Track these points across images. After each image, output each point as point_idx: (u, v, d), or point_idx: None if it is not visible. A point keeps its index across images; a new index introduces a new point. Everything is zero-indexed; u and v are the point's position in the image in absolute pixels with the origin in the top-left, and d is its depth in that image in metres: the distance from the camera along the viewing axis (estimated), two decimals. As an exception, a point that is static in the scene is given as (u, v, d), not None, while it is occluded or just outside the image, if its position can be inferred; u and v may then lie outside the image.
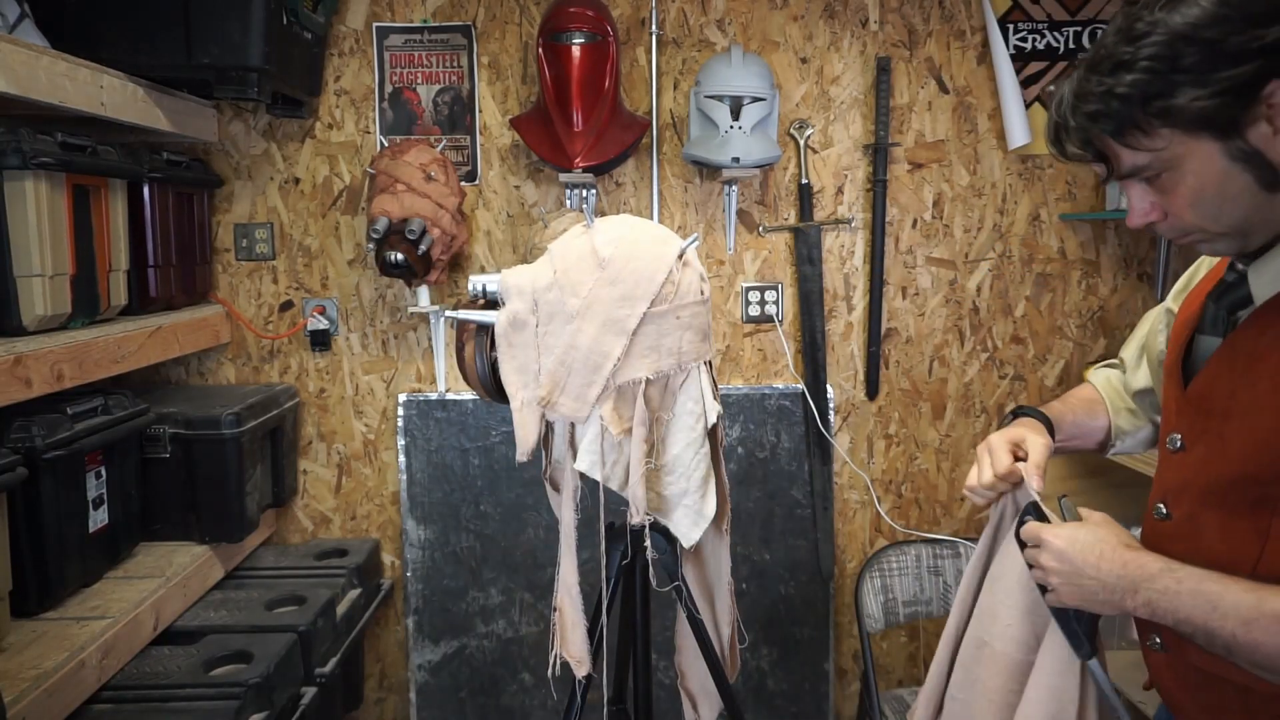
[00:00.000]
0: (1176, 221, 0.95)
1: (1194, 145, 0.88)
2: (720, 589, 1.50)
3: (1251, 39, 0.83)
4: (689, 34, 2.35)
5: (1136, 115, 0.88)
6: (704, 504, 1.34)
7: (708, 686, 1.52)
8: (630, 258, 1.27)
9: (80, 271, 1.73)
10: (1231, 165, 0.88)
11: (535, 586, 2.40)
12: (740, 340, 2.44)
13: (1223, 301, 1.02)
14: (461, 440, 2.39)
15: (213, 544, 2.05)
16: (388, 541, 2.46)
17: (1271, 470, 0.91)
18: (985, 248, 2.41)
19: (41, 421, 1.59)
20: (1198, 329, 1.06)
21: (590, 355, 1.26)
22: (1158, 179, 0.92)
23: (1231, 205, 0.90)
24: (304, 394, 2.42)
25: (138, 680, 1.69)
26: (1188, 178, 0.90)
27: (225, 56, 1.90)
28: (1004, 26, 2.34)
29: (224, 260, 2.39)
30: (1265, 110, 0.85)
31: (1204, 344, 1.04)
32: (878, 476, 2.48)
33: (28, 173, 1.56)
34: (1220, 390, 0.98)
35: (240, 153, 2.36)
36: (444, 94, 2.35)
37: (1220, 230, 0.93)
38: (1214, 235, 0.95)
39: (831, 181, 2.40)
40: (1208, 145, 0.88)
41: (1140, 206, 0.96)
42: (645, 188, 2.38)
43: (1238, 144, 0.87)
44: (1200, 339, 1.05)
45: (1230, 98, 0.85)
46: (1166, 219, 0.95)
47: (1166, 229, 0.97)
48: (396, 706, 2.50)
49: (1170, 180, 0.91)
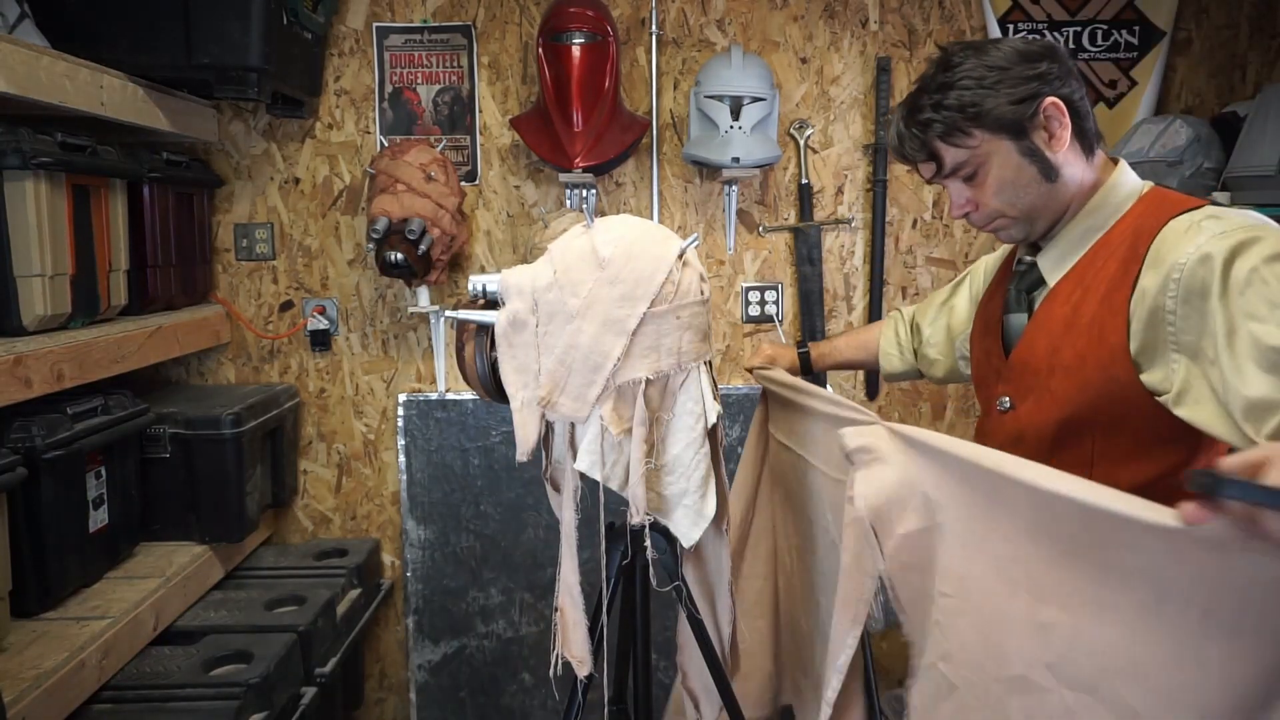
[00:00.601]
0: (985, 210, 1.25)
1: (997, 144, 1.20)
2: (720, 589, 1.50)
3: (1029, 69, 1.18)
4: (689, 34, 2.35)
5: (958, 120, 1.19)
6: (704, 504, 1.34)
7: (709, 685, 1.51)
8: (630, 258, 1.27)
9: (80, 271, 1.73)
10: (1023, 160, 1.20)
11: (535, 586, 2.40)
12: (740, 340, 2.44)
13: (1021, 285, 1.31)
14: (461, 440, 2.39)
15: (213, 544, 2.05)
16: (388, 541, 2.46)
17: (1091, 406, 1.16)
18: (985, 248, 2.41)
19: (41, 421, 1.59)
20: (1005, 310, 1.33)
21: (590, 355, 1.26)
22: (973, 177, 1.23)
23: (1024, 193, 1.22)
24: (304, 394, 2.42)
25: (138, 680, 1.69)
26: (993, 170, 1.21)
27: (225, 56, 1.90)
28: (1004, 26, 2.34)
29: (224, 260, 2.39)
30: (1042, 120, 1.19)
31: (1013, 321, 1.31)
32: (878, 476, 2.47)
33: (28, 173, 1.56)
34: (1040, 352, 1.22)
35: (240, 153, 2.36)
36: (444, 94, 2.35)
37: (1015, 215, 1.24)
38: (1011, 220, 1.25)
39: (831, 181, 2.40)
40: (1006, 144, 1.20)
41: (958, 200, 1.27)
42: (645, 188, 2.38)
43: (1026, 143, 1.20)
44: (1010, 318, 1.32)
45: (1020, 106, 1.18)
46: (978, 209, 1.26)
47: (978, 218, 1.27)
48: (396, 706, 2.50)
49: (981, 175, 1.22)
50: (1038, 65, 1.18)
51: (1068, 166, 1.21)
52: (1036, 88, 1.18)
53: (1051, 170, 1.20)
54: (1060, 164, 1.21)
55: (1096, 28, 2.36)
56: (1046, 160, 1.20)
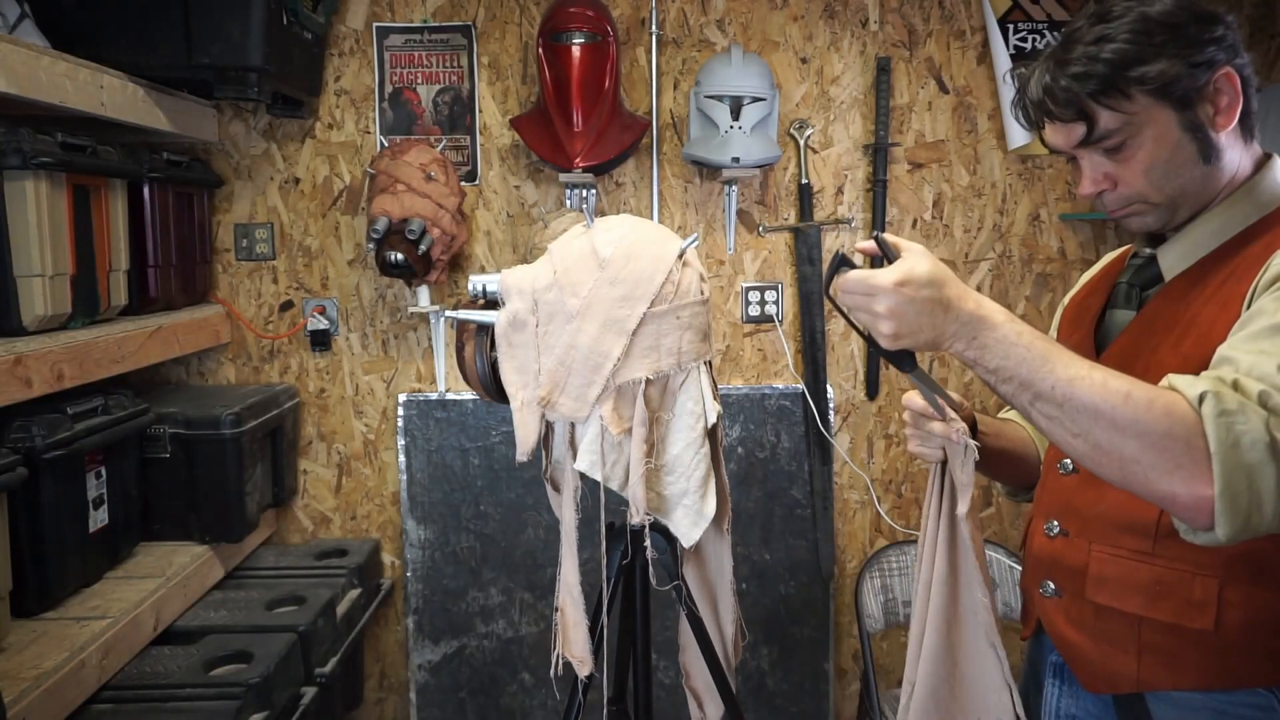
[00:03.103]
0: (1125, 190, 1.08)
1: (1157, 112, 1.03)
2: (722, 588, 1.50)
3: (1205, 31, 1.03)
4: (689, 34, 2.35)
5: (1117, 78, 1.02)
6: (704, 504, 1.34)
7: (713, 685, 1.52)
8: (630, 258, 1.27)
9: (80, 271, 1.73)
10: (1183, 135, 1.04)
11: (535, 586, 2.40)
12: (740, 340, 2.44)
13: (1135, 280, 1.16)
14: (461, 440, 2.39)
15: (213, 544, 2.05)
16: (388, 541, 2.46)
17: None
18: (985, 248, 2.42)
19: (41, 421, 1.59)
20: (1109, 304, 1.20)
21: (590, 355, 1.27)
22: (1119, 149, 1.06)
23: (1176, 174, 1.05)
24: (304, 394, 2.42)
25: (138, 680, 1.69)
26: (1147, 143, 1.04)
27: (225, 56, 1.90)
28: (1004, 26, 2.34)
29: (224, 260, 2.39)
30: (1211, 92, 1.03)
31: (1117, 317, 1.18)
32: (878, 476, 2.48)
33: (28, 173, 1.56)
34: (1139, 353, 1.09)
35: (240, 153, 2.36)
36: (444, 94, 2.35)
37: (1159, 200, 1.07)
38: (1152, 206, 1.08)
39: (831, 181, 2.40)
40: (1167, 114, 1.03)
41: (1094, 175, 1.09)
42: (645, 188, 2.38)
43: (1190, 116, 1.03)
44: (1113, 313, 1.19)
45: (1193, 71, 1.02)
46: (1116, 188, 1.08)
47: (1113, 199, 1.10)
48: (396, 706, 2.50)
49: (1131, 148, 1.05)
50: (1214, 29, 1.03)
51: (1229, 150, 1.06)
52: (1213, 54, 1.02)
53: (1211, 151, 1.05)
54: (1222, 146, 1.05)
55: (1096, 28, 2.36)
56: (1209, 139, 1.04)
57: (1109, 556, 1.10)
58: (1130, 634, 1.09)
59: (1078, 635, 1.15)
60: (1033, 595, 1.24)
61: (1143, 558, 1.07)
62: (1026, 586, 1.27)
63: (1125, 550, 1.09)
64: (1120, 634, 1.10)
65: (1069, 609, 1.17)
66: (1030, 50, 2.35)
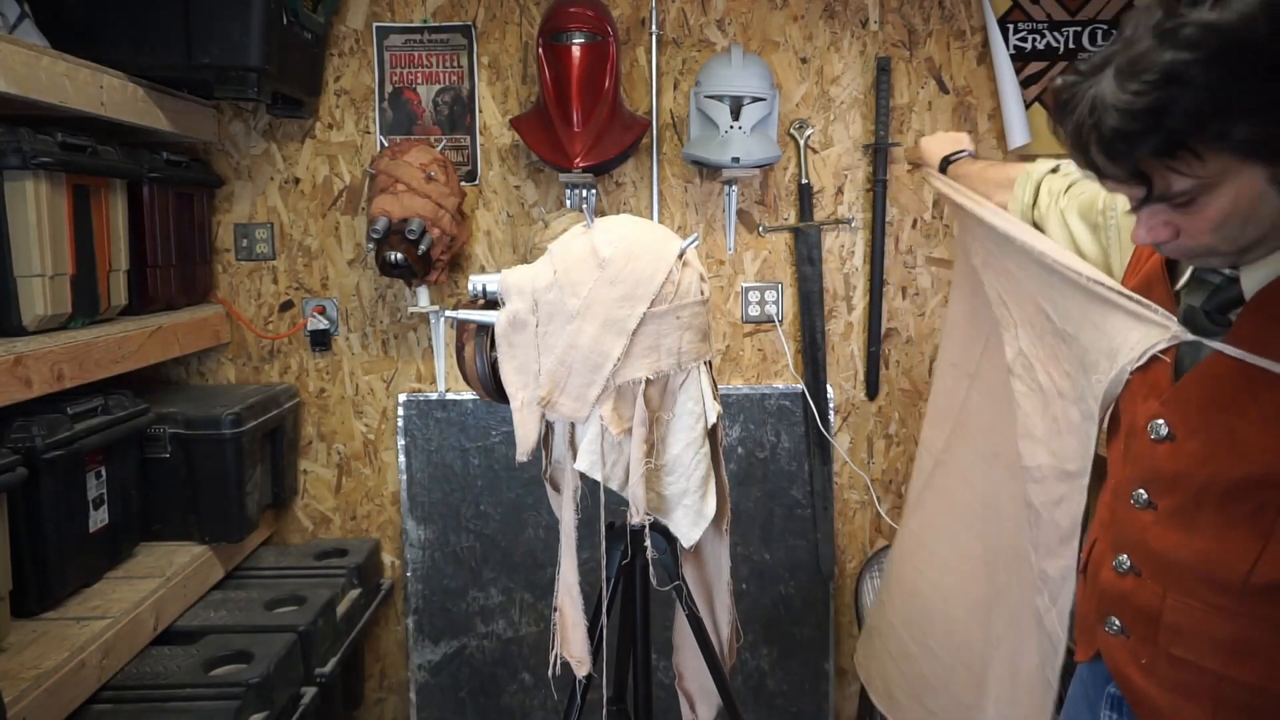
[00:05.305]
0: (1189, 242, 0.91)
1: (1239, 169, 0.83)
2: (719, 589, 1.50)
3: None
4: (689, 34, 2.35)
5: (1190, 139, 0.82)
6: (704, 504, 1.34)
7: (706, 686, 1.52)
8: (630, 258, 1.27)
9: (80, 271, 1.73)
10: (1269, 188, 0.84)
11: (535, 586, 2.40)
12: (740, 340, 2.44)
13: (1211, 303, 0.98)
14: (461, 440, 2.39)
15: (213, 544, 2.05)
16: (388, 541, 2.46)
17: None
18: (985, 248, 2.41)
19: (41, 421, 1.59)
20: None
21: (590, 355, 1.27)
22: (1189, 204, 0.87)
23: (1254, 227, 0.87)
24: (304, 394, 2.42)
25: (138, 680, 1.69)
26: (1221, 200, 0.85)
27: (225, 56, 1.90)
28: (1004, 26, 2.34)
29: (224, 260, 2.39)
30: None
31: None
32: (878, 476, 2.48)
33: (28, 173, 1.56)
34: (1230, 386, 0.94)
35: (240, 153, 2.36)
36: (444, 94, 2.35)
37: (1229, 250, 0.91)
38: (1220, 256, 0.92)
39: (831, 181, 2.40)
40: (1253, 169, 0.83)
41: (1152, 224, 0.91)
42: (645, 188, 2.38)
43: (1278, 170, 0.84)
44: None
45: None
46: (1178, 238, 0.91)
47: (1173, 248, 0.93)
48: (396, 706, 2.50)
49: (1202, 203, 0.86)
50: None
51: None
52: None
53: None
54: None
55: (1096, 28, 2.36)
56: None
57: (1187, 607, 0.99)
58: (1206, 689, 0.99)
59: (1144, 681, 1.05)
60: (1094, 627, 1.14)
61: (1226, 614, 0.96)
62: (1086, 614, 1.16)
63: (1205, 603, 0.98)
64: (1194, 687, 1.00)
65: (1137, 651, 1.06)
66: (1030, 50, 2.36)
